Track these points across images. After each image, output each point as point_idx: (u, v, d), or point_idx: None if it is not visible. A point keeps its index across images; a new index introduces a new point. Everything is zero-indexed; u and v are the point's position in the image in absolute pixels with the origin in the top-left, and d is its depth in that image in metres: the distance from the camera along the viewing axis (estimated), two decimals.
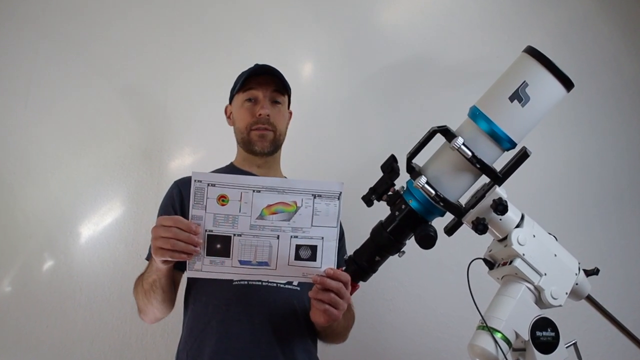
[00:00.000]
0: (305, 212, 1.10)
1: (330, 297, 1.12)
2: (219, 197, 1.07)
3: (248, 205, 1.08)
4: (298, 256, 1.11)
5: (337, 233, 1.12)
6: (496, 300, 1.04)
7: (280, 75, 1.49)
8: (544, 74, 0.99)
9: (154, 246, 1.07)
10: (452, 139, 1.01)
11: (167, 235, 1.05)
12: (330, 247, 1.12)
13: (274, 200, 1.09)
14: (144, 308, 1.33)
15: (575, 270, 1.07)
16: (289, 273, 1.13)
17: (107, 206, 1.92)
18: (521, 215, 1.08)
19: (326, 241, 1.12)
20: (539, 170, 2.03)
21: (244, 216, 1.08)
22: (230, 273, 1.11)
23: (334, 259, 1.12)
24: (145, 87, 2.02)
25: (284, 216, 1.10)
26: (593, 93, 2.16)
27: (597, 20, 2.23)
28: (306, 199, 1.10)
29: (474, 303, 1.02)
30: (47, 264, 1.86)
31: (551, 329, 1.00)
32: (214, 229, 1.08)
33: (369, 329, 1.91)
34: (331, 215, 1.11)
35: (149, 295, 1.27)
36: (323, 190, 1.10)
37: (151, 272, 1.25)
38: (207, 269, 1.10)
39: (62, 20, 2.01)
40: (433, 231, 1.06)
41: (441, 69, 2.14)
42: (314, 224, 1.10)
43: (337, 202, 1.11)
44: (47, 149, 1.92)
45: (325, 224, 1.11)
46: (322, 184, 1.11)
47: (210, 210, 1.08)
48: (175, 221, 1.07)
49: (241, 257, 1.10)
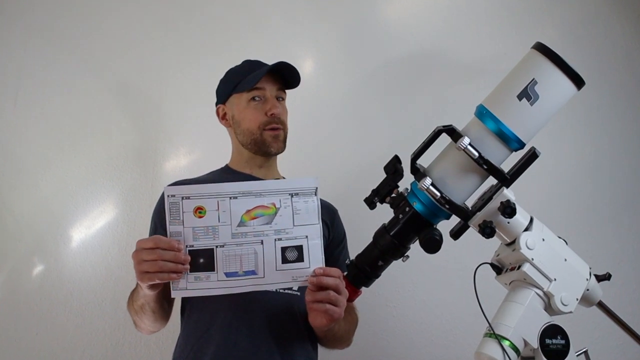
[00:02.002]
0: (286, 212, 1.11)
1: (330, 296, 1.12)
2: (196, 209, 1.08)
3: (227, 213, 1.09)
4: (285, 259, 1.11)
5: (320, 230, 1.13)
6: (504, 306, 1.04)
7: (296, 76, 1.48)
8: (553, 72, 0.99)
9: (138, 272, 1.06)
10: (458, 138, 1.01)
11: (151, 258, 1.05)
12: (316, 245, 1.12)
13: (253, 204, 1.10)
14: (139, 323, 1.34)
15: (586, 275, 1.07)
16: (279, 279, 1.12)
17: (99, 208, 1.92)
18: (530, 218, 1.08)
19: (311, 239, 1.12)
20: (549, 172, 2.02)
21: (224, 225, 1.09)
22: (218, 288, 1.10)
23: (321, 257, 1.12)
24: (138, 85, 2.02)
25: (265, 219, 1.10)
26: (604, 91, 2.15)
27: (609, 15, 2.23)
28: (284, 199, 1.11)
29: (481, 309, 1.02)
30: (37, 269, 1.86)
31: (561, 336, 0.99)
32: (195, 243, 1.08)
33: (372, 336, 1.91)
34: (311, 212, 1.12)
35: (140, 315, 1.29)
36: (298, 187, 1.12)
37: (138, 297, 1.25)
38: (193, 286, 1.09)
39: (52, 16, 2.02)
40: (438, 235, 1.06)
41: (446, 65, 2.14)
42: (295, 223, 1.11)
43: (315, 197, 1.13)
44: (37, 149, 1.93)
45: (307, 222, 1.12)
46: (296, 182, 1.13)
47: (188, 224, 1.08)
48: (156, 242, 1.06)
49: (227, 269, 1.09)
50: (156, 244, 1.05)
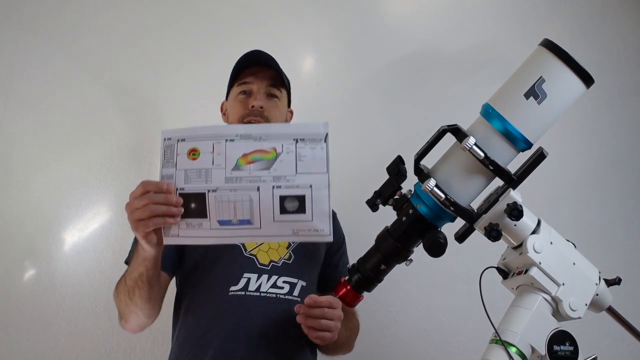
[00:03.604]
0: (287, 158, 1.04)
1: (321, 324, 1.18)
2: (190, 151, 1.04)
3: (221, 156, 1.04)
4: (284, 209, 1.04)
5: (328, 180, 1.05)
6: (510, 311, 1.04)
7: (276, 66, 1.50)
8: (562, 69, 0.98)
9: (133, 222, 1.05)
10: (463, 138, 1.01)
11: (142, 204, 1.03)
12: (322, 196, 1.04)
13: (251, 148, 1.04)
14: (126, 311, 1.29)
15: (596, 279, 1.07)
16: (277, 231, 1.05)
17: (93, 211, 1.92)
18: (537, 220, 1.08)
19: (316, 190, 1.04)
20: (557, 173, 2.03)
21: (218, 169, 1.04)
22: (211, 237, 1.05)
23: (327, 210, 1.05)
24: (134, 84, 2.02)
25: (263, 164, 1.04)
26: (614, 89, 2.16)
27: (619, 11, 2.23)
28: (287, 144, 1.04)
29: (487, 315, 1.02)
30: (29, 273, 1.86)
31: (570, 343, 0.99)
32: (186, 186, 1.04)
33: (374, 342, 1.91)
34: (318, 160, 1.05)
35: (133, 293, 1.23)
36: (305, 132, 1.05)
37: (136, 265, 1.20)
38: (185, 233, 1.05)
39: (44, 12, 2.02)
40: (443, 238, 1.05)
41: (451, 63, 2.15)
42: (299, 171, 1.04)
43: (324, 144, 1.05)
44: (29, 149, 1.93)
45: (313, 171, 1.04)
46: (303, 126, 1.06)
47: (181, 166, 1.04)
48: (144, 185, 1.05)
49: (220, 217, 1.04)
50: (145, 188, 1.04)
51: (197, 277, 1.37)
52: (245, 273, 1.35)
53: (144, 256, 1.15)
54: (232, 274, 1.35)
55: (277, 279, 1.36)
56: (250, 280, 1.34)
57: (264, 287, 1.34)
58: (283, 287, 1.36)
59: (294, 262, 1.41)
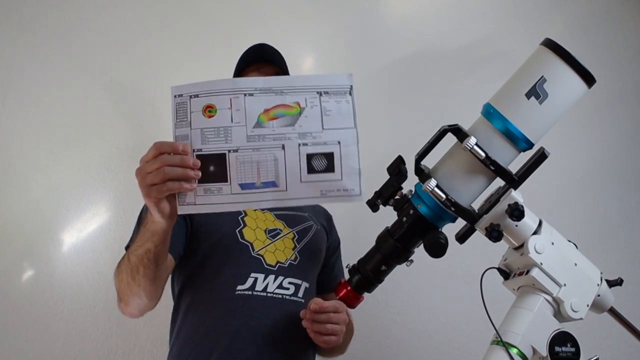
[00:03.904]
0: (312, 113, 0.97)
1: (327, 329, 1.19)
2: (205, 107, 0.96)
3: (241, 112, 0.96)
4: (312, 168, 0.98)
5: (356, 135, 1.00)
6: (512, 313, 1.04)
7: (279, 63, 1.50)
8: (563, 69, 0.99)
9: (144, 188, 0.97)
10: (464, 138, 1.01)
11: (155, 167, 0.95)
12: (351, 153, 0.99)
13: (272, 103, 0.97)
14: (127, 292, 1.21)
15: (597, 280, 1.07)
16: (304, 193, 0.99)
17: (92, 211, 1.92)
18: (539, 221, 1.08)
19: (344, 146, 0.99)
20: (558, 173, 2.03)
21: (238, 126, 0.96)
22: (232, 203, 0.96)
23: (357, 167, 1.00)
24: (133, 83, 2.02)
25: (287, 120, 0.97)
26: (616, 89, 2.16)
27: (621, 10, 2.23)
28: (310, 97, 0.97)
29: (488, 316, 1.02)
30: (27, 274, 1.86)
31: (571, 344, 0.99)
32: (204, 147, 0.95)
33: (375, 343, 1.91)
34: (345, 114, 0.99)
35: (137, 272, 1.15)
36: (329, 85, 0.99)
37: (143, 240, 1.12)
38: (202, 200, 0.96)
39: (43, 12, 2.02)
40: (443, 238, 1.05)
41: (452, 63, 2.15)
42: (325, 126, 0.98)
43: (349, 97, 1.00)
44: (27, 149, 1.93)
45: (340, 126, 0.99)
46: (326, 78, 1.00)
47: (196, 125, 0.96)
48: (158, 147, 0.96)
49: (242, 180, 0.96)
50: (158, 150, 0.95)
51: (203, 274, 1.36)
52: (252, 273, 1.34)
53: (153, 229, 1.07)
54: (239, 273, 1.34)
55: (283, 279, 1.36)
56: (257, 280, 1.33)
57: (271, 288, 1.34)
58: (289, 288, 1.36)
59: (299, 263, 1.41)
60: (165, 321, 1.40)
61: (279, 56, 1.52)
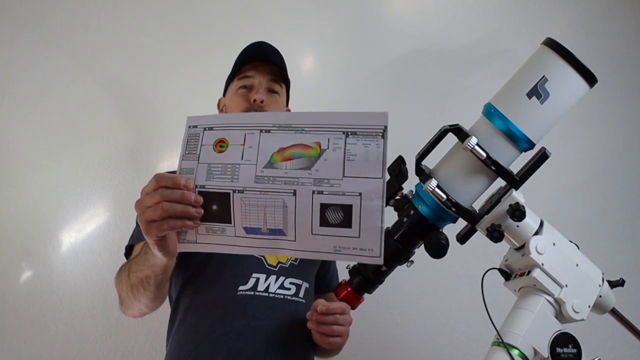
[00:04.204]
0: (334, 156, 0.85)
1: (333, 330, 1.20)
2: (217, 142, 0.89)
3: (253, 149, 0.87)
4: (325, 221, 0.86)
5: (382, 187, 0.85)
6: (513, 314, 1.04)
7: (278, 62, 1.49)
8: (564, 69, 0.98)
9: (143, 224, 0.88)
10: (465, 138, 1.01)
11: (154, 202, 0.87)
12: (373, 209, 0.84)
13: (290, 141, 0.87)
14: (127, 302, 1.22)
15: (599, 281, 1.07)
16: (314, 247, 0.87)
17: (90, 212, 1.92)
18: (540, 221, 1.08)
19: (366, 199, 0.84)
20: (560, 173, 2.03)
21: (248, 164, 0.87)
22: (235, 245, 0.89)
23: (378, 224, 0.85)
24: (132, 83, 2.02)
25: (303, 162, 0.86)
26: (618, 89, 2.16)
27: (623, 10, 2.23)
28: (334, 138, 0.86)
29: (489, 317, 1.02)
30: (25, 274, 1.86)
31: (573, 345, 0.99)
32: (207, 183, 0.88)
33: (375, 345, 1.91)
34: (372, 161, 0.85)
35: (137, 291, 1.16)
36: (358, 124, 0.87)
37: (143, 266, 1.10)
38: (204, 239, 0.89)
39: (41, 11, 2.02)
40: (444, 239, 1.05)
41: (452, 62, 2.15)
42: (347, 173, 0.85)
43: (381, 140, 0.86)
44: (26, 149, 1.93)
45: (364, 174, 0.85)
46: (357, 116, 0.87)
47: (204, 159, 0.89)
48: (158, 180, 0.88)
49: (246, 224, 0.88)
50: (158, 183, 0.88)
51: (204, 274, 1.36)
52: (254, 273, 1.34)
53: (153, 262, 1.05)
54: (241, 273, 1.34)
55: (285, 280, 1.36)
56: (259, 281, 1.33)
57: (272, 288, 1.34)
58: (290, 288, 1.36)
59: (300, 263, 1.42)
60: (164, 322, 1.40)
61: (278, 55, 1.52)
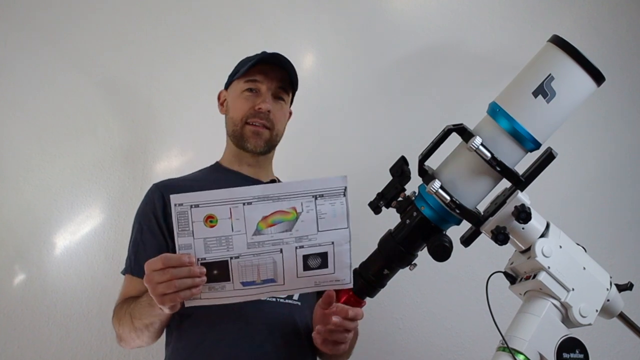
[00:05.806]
0: (308, 217, 1.06)
1: (345, 337, 1.18)
2: (206, 218, 1.04)
3: (240, 221, 1.05)
4: (307, 266, 1.09)
5: (349, 234, 1.09)
6: (518, 318, 1.04)
7: (291, 70, 1.48)
8: (571, 67, 0.99)
9: (156, 295, 1.05)
10: (469, 138, 1.01)
11: (165, 279, 1.03)
12: (343, 251, 1.09)
13: (269, 210, 1.05)
14: (129, 341, 1.32)
15: (607, 285, 1.07)
16: (299, 285, 1.12)
17: (85, 213, 1.92)
18: (546, 223, 1.08)
19: (337, 246, 1.09)
20: (566, 174, 2.03)
21: (239, 235, 1.05)
22: (234, 297, 1.09)
23: (348, 262, 1.10)
24: (127, 81, 2.02)
25: (285, 226, 1.06)
26: (626, 87, 2.16)
27: (631, 7, 2.23)
28: (306, 202, 1.06)
29: (494, 321, 1.02)
30: (18, 278, 1.86)
31: (580, 350, 0.99)
32: (207, 255, 1.05)
33: (377, 350, 1.91)
34: (339, 216, 1.07)
35: (142, 333, 1.28)
36: (323, 188, 1.07)
37: (147, 314, 1.22)
38: (207, 296, 1.08)
39: (33, 7, 2.02)
40: (448, 241, 1.06)
41: (457, 61, 2.15)
42: (320, 229, 1.08)
43: (343, 199, 1.07)
44: (18, 149, 1.93)
45: (334, 227, 1.08)
46: (321, 182, 1.07)
47: (199, 235, 1.04)
48: (164, 261, 1.04)
49: (243, 279, 1.08)
50: (165, 264, 1.03)
51: None
52: None
53: (159, 313, 1.17)
54: None
55: None
56: None
57: None
58: None
59: None
60: None
61: (290, 64, 1.49)
